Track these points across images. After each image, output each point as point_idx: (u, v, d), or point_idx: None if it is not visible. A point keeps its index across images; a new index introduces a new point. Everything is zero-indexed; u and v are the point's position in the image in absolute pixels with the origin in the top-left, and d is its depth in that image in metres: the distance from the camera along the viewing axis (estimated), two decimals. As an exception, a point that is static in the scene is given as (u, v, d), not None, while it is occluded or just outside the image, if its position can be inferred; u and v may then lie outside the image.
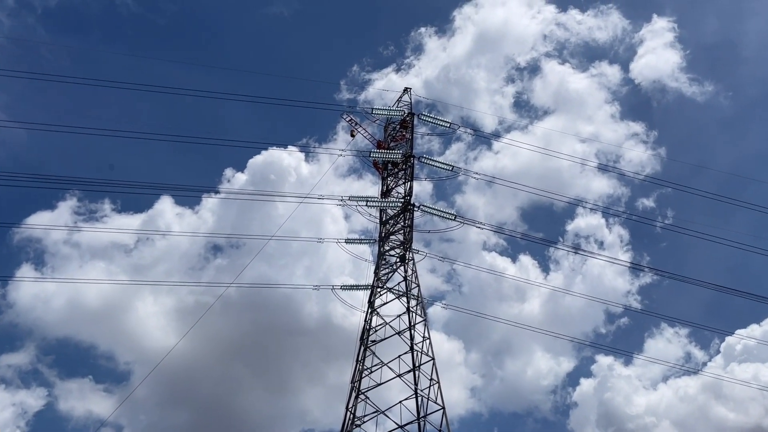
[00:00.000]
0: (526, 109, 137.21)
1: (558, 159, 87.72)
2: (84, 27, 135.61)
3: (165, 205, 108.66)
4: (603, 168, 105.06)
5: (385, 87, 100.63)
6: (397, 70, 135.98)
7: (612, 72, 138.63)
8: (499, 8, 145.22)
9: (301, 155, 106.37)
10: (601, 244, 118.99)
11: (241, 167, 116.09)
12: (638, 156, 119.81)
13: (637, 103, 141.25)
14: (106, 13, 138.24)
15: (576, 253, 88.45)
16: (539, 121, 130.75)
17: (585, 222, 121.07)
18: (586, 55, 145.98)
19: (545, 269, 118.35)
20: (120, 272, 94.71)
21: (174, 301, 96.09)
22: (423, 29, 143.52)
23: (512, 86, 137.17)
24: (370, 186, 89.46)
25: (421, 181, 69.35)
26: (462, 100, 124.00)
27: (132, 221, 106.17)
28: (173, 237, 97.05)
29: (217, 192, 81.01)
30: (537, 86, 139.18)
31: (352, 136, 71.88)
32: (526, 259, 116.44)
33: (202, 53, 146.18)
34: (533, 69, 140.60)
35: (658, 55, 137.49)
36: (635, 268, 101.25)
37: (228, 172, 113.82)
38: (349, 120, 71.85)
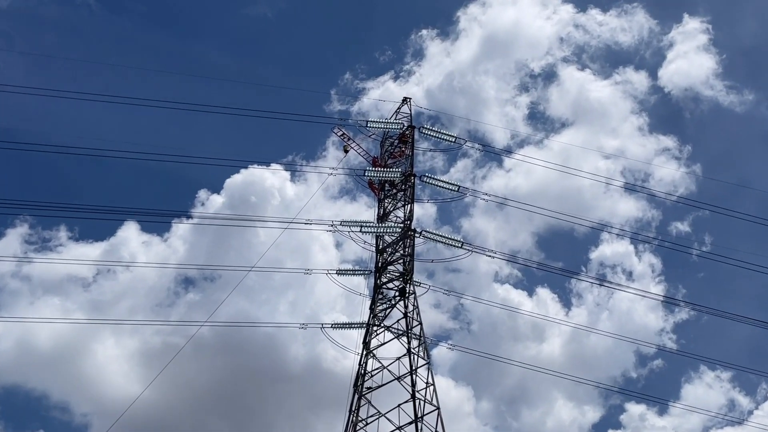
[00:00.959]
0: (541, 121, 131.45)
1: (578, 177, 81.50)
2: (39, 30, 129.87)
3: (129, 232, 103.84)
4: (630, 188, 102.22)
5: (382, 97, 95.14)
6: (396, 78, 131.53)
7: (638, 79, 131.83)
8: (509, 8, 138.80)
9: (286, 174, 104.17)
10: (629, 275, 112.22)
11: (216, 188, 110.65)
12: (670, 174, 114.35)
13: (667, 114, 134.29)
14: (64, 14, 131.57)
15: (601, 285, 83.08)
16: (556, 134, 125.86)
17: (611, 249, 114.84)
18: (609, 60, 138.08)
19: (566, 304, 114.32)
20: (77, 309, 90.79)
21: (138, 342, 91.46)
22: (424, 32, 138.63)
23: (525, 95, 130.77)
24: (364, 209, 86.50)
25: (423, 203, 68.96)
26: (469, 112, 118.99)
27: (91, 251, 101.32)
28: (138, 269, 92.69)
29: (189, 217, 79.34)
30: (553, 95, 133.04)
31: (345, 152, 69.73)
32: (544, 293, 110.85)
33: (173, 59, 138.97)
34: (549, 76, 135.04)
35: (691, 59, 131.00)
36: (669, 303, 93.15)
37: (202, 193, 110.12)
38: (341, 134, 69.81)
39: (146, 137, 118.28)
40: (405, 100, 71.22)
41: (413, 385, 55.71)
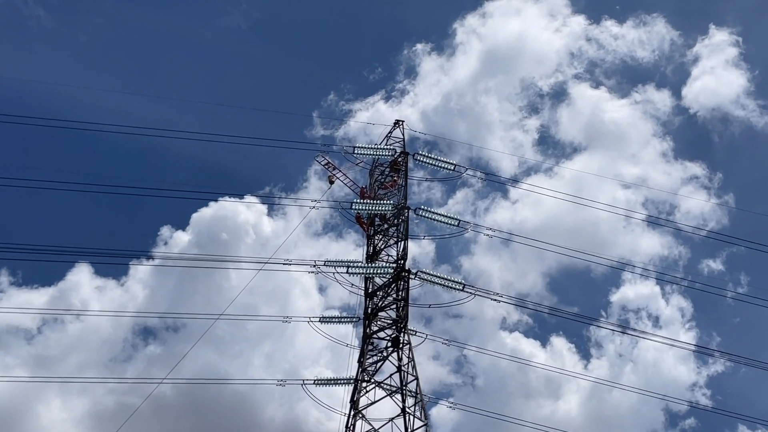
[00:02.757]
0: (550, 146, 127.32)
1: (594, 210, 78.90)
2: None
3: (81, 275, 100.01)
4: (654, 221, 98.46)
5: (371, 119, 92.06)
6: (386, 99, 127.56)
7: (660, 98, 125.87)
8: (512, 19, 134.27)
9: (263, 208, 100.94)
10: (656, 321, 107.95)
11: (182, 224, 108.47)
12: (698, 205, 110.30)
13: (693, 137, 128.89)
14: (8, 27, 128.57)
15: (624, 332, 79.04)
16: (568, 160, 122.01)
17: (634, 291, 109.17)
18: (626, 76, 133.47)
19: (585, 355, 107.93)
20: (18, 365, 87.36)
21: (89, 403, 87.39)
22: (419, 46, 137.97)
23: (532, 117, 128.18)
24: (352, 247, 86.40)
25: (419, 239, 68.04)
26: (469, 136, 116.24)
27: (36, 298, 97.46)
28: (91, 318, 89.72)
29: (149, 257, 75.35)
30: (563, 117, 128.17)
31: (330, 183, 68.98)
32: (559, 342, 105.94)
33: (133, 77, 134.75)
34: (558, 95, 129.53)
35: (718, 76, 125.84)
36: (702, 352, 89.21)
37: (165, 230, 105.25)
38: (326, 163, 68.95)
39: (100, 166, 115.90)
40: (397, 123, 70.26)
41: (409, 452, 55.79)
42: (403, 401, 57.37)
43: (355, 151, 66.86)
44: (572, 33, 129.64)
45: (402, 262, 63.10)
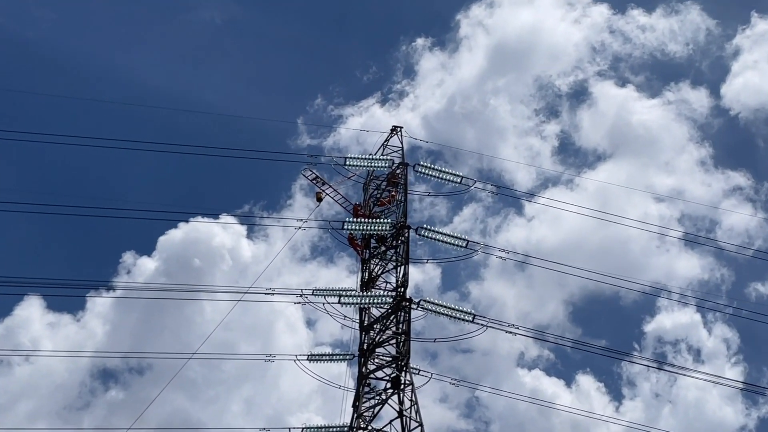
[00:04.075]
0: (570, 153, 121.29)
1: (622, 227, 75.59)
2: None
3: (31, 309, 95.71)
4: (692, 240, 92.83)
5: (365, 126, 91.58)
6: (383, 102, 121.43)
7: (696, 97, 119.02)
8: (523, 9, 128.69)
9: (241, 229, 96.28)
10: (697, 354, 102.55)
11: (147, 249, 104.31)
12: (743, 221, 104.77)
13: (736, 142, 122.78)
14: None
15: (660, 369, 76.90)
16: (590, 170, 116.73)
17: (671, 320, 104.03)
18: (657, 73, 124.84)
19: (616, 395, 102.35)
20: None
21: None
22: (419, 41, 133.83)
23: (549, 121, 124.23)
24: (344, 274, 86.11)
25: (422, 263, 66.52)
26: (478, 143, 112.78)
27: None
28: (42, 359, 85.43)
29: (110, 288, 70.93)
30: (584, 120, 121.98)
31: (319, 200, 65.72)
32: (585, 381, 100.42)
33: (90, 82, 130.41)
34: (579, 95, 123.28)
35: (762, 71, 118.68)
36: (751, 391, 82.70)
37: (127, 257, 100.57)
38: (314, 178, 66.03)
39: (55, 186, 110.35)
40: (395, 129, 67.43)
41: None
42: (406, 451, 56.08)
43: (347, 163, 63.47)
44: (594, 24, 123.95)
45: (402, 289, 60.34)
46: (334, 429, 59.83)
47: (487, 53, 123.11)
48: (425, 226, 61.50)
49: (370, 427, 56.89)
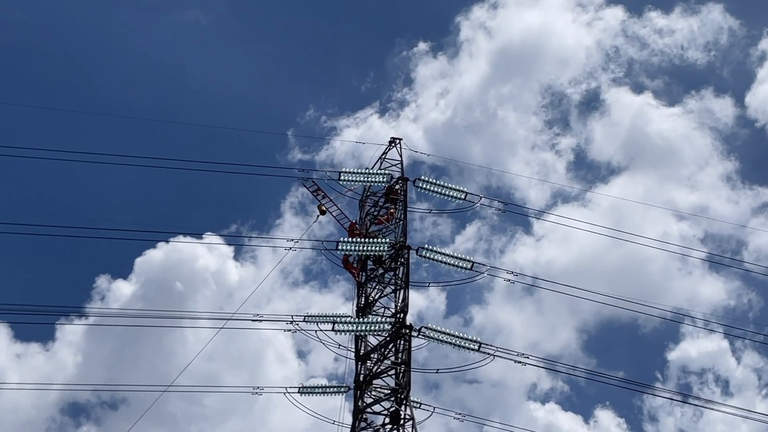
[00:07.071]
0: (582, 167, 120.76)
1: (640, 246, 73.17)
2: None
3: None
4: (717, 261, 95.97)
5: (362, 138, 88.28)
6: (381, 112, 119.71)
7: (720, 106, 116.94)
8: (529, 10, 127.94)
9: (228, 250, 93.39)
10: (725, 386, 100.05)
11: (123, 272, 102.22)
12: None
13: (764, 155, 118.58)
14: None
15: (685, 402, 76.17)
16: (604, 184, 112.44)
17: (696, 349, 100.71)
18: (676, 79, 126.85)
19: (637, 430, 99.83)
20: None
21: None
22: (422, 45, 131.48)
23: (560, 133, 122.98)
24: (340, 300, 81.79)
25: (423, 287, 64.29)
26: (484, 157, 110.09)
27: None
28: (7, 392, 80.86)
29: (82, 315, 69.87)
30: (597, 132, 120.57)
31: (321, 213, 64.37)
32: (605, 416, 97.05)
33: (66, 89, 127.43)
34: (591, 103, 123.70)
35: None
36: None
37: (102, 281, 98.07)
38: (315, 190, 63.93)
39: (19, 199, 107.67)
40: (393, 141, 65.48)
41: None
42: (407, 493, 53.86)
43: (342, 177, 61.29)
44: (608, 27, 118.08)
45: (402, 315, 58.05)
46: (328, 468, 57.61)
47: (490, 58, 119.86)
48: (427, 246, 59.34)
49: (367, 467, 56.04)
